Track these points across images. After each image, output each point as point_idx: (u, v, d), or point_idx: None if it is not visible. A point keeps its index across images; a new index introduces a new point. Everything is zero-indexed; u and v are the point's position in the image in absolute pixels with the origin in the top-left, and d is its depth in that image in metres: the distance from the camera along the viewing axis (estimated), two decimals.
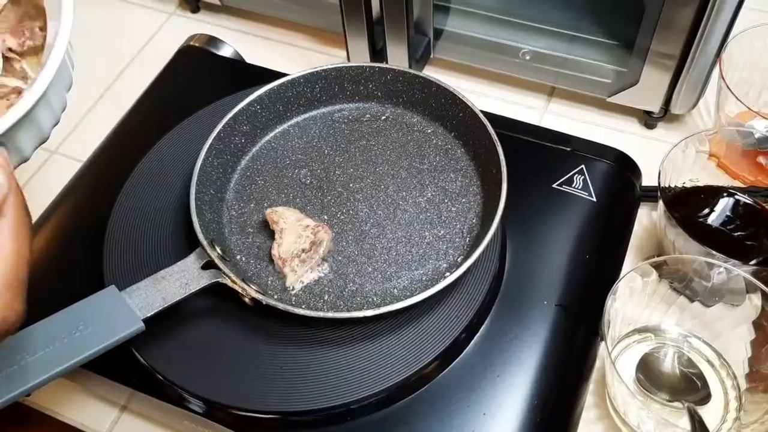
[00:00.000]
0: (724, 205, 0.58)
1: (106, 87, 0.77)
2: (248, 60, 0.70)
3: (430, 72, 0.73)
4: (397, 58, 0.69)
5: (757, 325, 0.51)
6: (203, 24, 0.82)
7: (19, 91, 0.55)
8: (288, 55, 0.79)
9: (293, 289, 0.49)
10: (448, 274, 0.47)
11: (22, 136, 0.45)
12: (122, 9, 0.85)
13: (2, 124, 0.41)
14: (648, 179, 0.60)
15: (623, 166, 0.57)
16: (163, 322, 0.46)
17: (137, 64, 0.80)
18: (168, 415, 0.52)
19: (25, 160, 0.47)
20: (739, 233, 0.56)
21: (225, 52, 0.69)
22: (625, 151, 0.59)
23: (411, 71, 0.56)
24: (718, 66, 0.60)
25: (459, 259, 0.50)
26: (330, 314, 0.46)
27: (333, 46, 0.79)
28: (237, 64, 0.68)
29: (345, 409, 0.46)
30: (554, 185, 0.55)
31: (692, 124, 0.69)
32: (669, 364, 0.53)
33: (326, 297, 0.49)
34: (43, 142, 0.48)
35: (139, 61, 0.80)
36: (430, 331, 0.47)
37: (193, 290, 0.46)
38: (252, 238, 0.52)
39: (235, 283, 0.46)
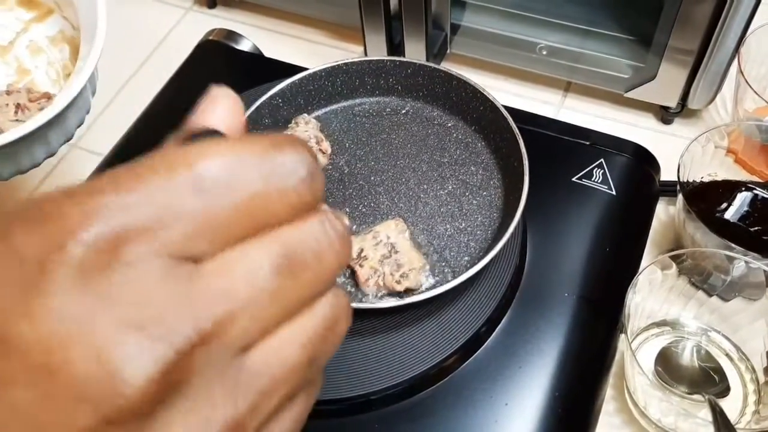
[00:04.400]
0: (742, 199, 0.58)
1: (124, 82, 0.78)
2: (265, 55, 0.70)
3: (446, 67, 0.74)
4: (415, 53, 0.69)
5: None
6: (219, 19, 0.83)
7: (48, 96, 0.58)
8: (304, 50, 0.79)
9: None
10: (469, 266, 0.47)
11: (51, 133, 0.51)
12: (139, 4, 0.86)
13: (32, 125, 0.48)
14: (664, 174, 0.60)
15: (642, 160, 0.58)
16: None
17: (155, 60, 0.80)
18: None
19: (53, 154, 0.54)
20: (756, 228, 0.56)
21: (244, 46, 0.69)
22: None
23: (432, 65, 0.57)
24: (736, 61, 0.60)
25: (480, 252, 0.50)
26: (352, 305, 0.47)
27: (349, 42, 0.79)
28: (256, 58, 0.69)
29: (366, 400, 0.46)
30: (574, 179, 0.56)
31: (709, 120, 0.70)
32: (687, 358, 0.54)
33: (348, 288, 0.50)
34: (69, 140, 0.55)
35: (157, 56, 0.80)
36: (452, 323, 0.48)
37: None
38: None
39: None
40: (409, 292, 0.48)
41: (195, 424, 0.16)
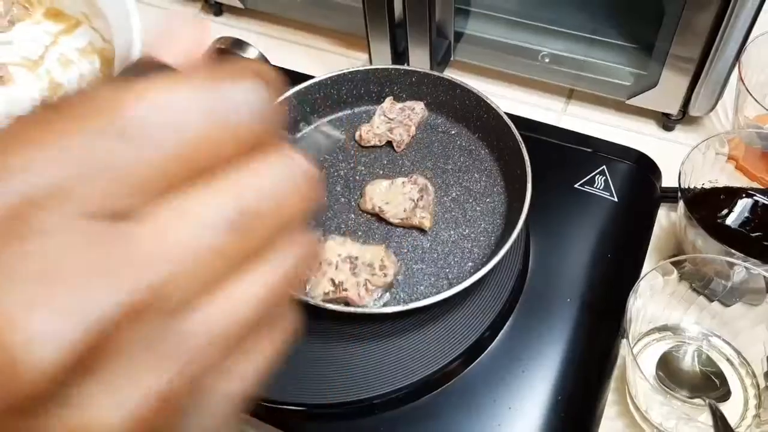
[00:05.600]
0: (743, 206, 0.58)
1: None
2: (271, 63, 0.71)
3: (450, 74, 0.74)
4: (419, 60, 0.70)
5: None
6: (226, 27, 0.84)
7: None
8: (309, 57, 0.80)
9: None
10: (473, 272, 0.48)
11: None
12: (145, 12, 0.86)
13: None
14: (666, 181, 0.61)
15: (644, 167, 0.58)
16: None
17: None
18: None
19: None
20: (757, 234, 0.57)
21: (250, 54, 0.70)
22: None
23: (436, 73, 0.58)
24: (737, 69, 0.61)
25: (484, 258, 0.51)
26: (358, 310, 0.48)
27: (354, 49, 0.80)
28: None
29: (370, 404, 0.47)
30: (576, 185, 0.56)
31: (710, 127, 0.70)
32: (688, 363, 0.54)
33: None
34: None
35: None
36: (456, 328, 0.48)
37: None
38: None
39: None
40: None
41: (120, 397, 0.14)
